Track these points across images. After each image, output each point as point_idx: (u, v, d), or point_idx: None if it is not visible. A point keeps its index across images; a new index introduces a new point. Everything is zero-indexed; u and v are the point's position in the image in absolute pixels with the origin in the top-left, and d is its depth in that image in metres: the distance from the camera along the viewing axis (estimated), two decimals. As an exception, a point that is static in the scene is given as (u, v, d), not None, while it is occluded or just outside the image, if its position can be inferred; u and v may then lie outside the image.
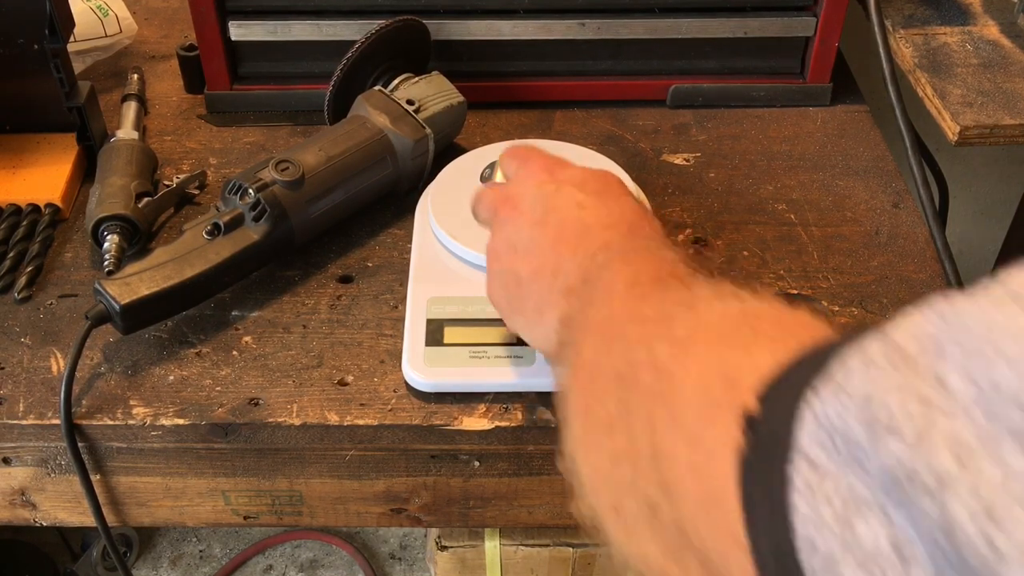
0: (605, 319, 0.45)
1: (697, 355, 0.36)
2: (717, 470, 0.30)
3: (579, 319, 0.48)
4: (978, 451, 0.21)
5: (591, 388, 0.43)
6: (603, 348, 0.44)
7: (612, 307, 0.45)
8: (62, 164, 0.82)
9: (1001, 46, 0.89)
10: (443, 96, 0.83)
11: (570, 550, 0.87)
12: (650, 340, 0.39)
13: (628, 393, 0.39)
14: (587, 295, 0.48)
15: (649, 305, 0.42)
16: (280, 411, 0.65)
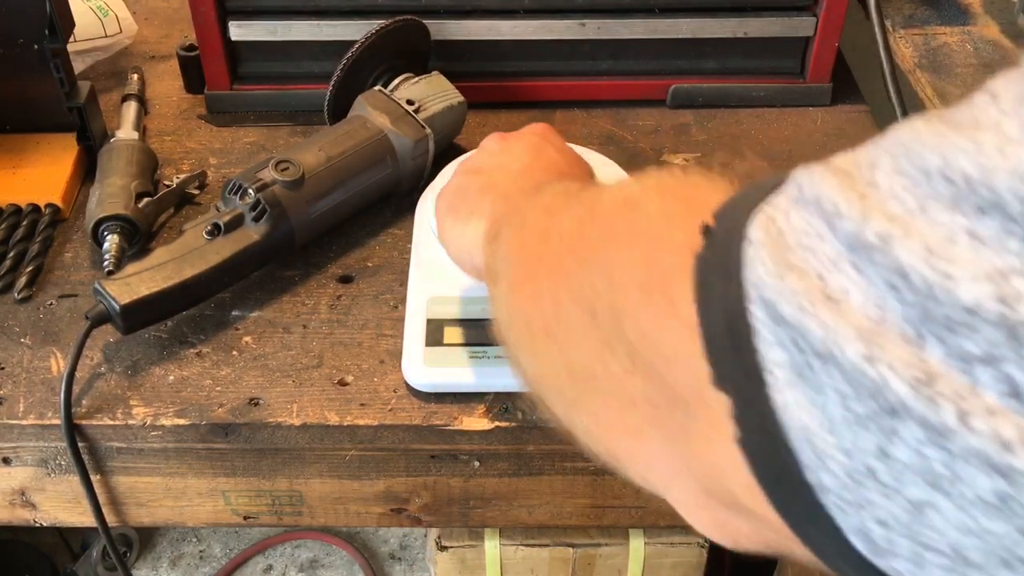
0: (539, 209, 0.50)
1: (651, 198, 0.40)
2: (670, 263, 0.34)
3: (511, 218, 0.52)
4: (914, 213, 0.26)
5: (532, 245, 0.47)
6: (542, 219, 0.48)
7: (544, 202, 0.50)
8: (62, 164, 0.82)
9: (1001, 46, 0.89)
10: (443, 96, 0.83)
11: (570, 550, 0.87)
12: (598, 199, 0.44)
13: (576, 237, 0.43)
14: (517, 205, 0.53)
15: (587, 192, 0.47)
16: (280, 411, 0.65)
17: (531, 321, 0.44)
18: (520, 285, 0.46)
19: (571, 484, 0.69)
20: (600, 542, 0.87)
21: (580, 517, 0.72)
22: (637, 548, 0.87)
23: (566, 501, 0.71)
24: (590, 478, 0.69)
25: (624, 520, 0.72)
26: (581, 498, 0.70)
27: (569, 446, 0.66)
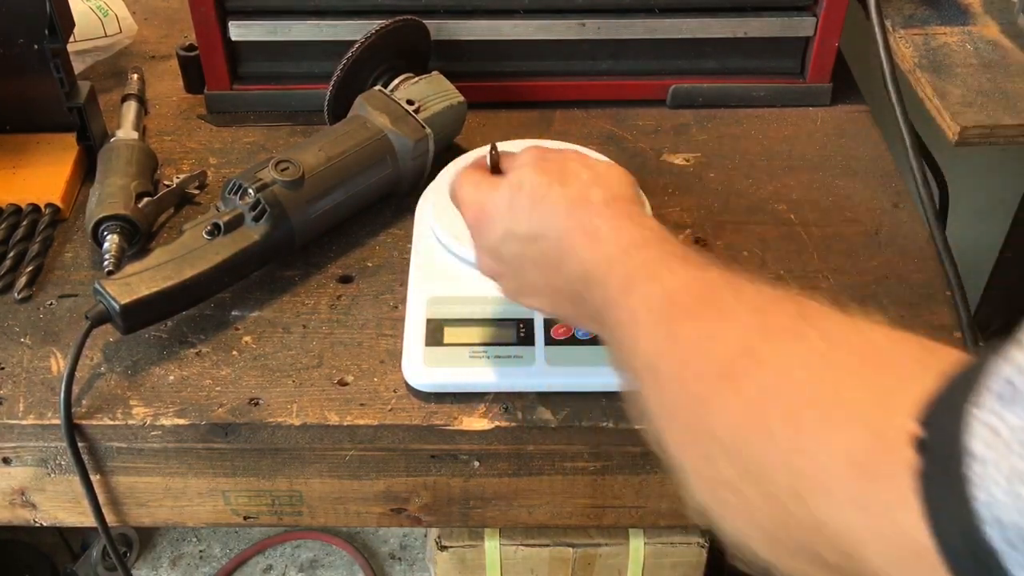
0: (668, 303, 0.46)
1: (844, 369, 0.37)
2: (882, 472, 0.32)
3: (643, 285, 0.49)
4: None
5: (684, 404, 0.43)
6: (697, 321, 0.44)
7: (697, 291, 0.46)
8: (62, 164, 0.82)
9: (1001, 46, 0.89)
10: (443, 96, 0.83)
11: (570, 550, 0.87)
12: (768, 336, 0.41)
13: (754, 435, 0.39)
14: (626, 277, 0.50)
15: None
16: (280, 411, 0.65)
17: (688, 461, 0.42)
18: (669, 408, 0.44)
19: (571, 484, 0.69)
20: (600, 542, 0.87)
21: (580, 517, 0.72)
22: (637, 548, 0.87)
23: (566, 501, 0.71)
24: (590, 478, 0.69)
25: (624, 520, 0.72)
26: (581, 498, 0.70)
27: (569, 446, 0.66)
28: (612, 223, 0.52)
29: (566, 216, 0.54)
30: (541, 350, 0.66)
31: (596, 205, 0.53)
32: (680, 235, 0.79)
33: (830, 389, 0.36)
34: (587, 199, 0.54)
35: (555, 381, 0.66)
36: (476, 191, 0.59)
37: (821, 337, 0.40)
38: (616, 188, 0.55)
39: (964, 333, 0.70)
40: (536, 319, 0.68)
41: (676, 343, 0.45)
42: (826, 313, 0.42)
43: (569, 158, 0.58)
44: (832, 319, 0.41)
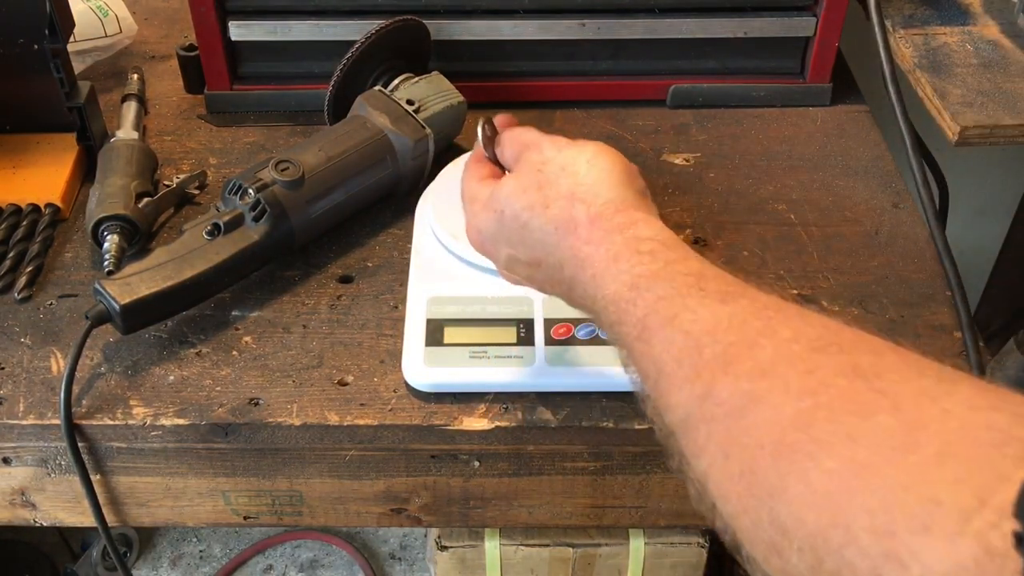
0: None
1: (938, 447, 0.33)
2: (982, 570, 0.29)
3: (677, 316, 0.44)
4: None
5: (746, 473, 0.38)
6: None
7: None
8: (62, 164, 0.82)
9: (1001, 46, 0.89)
10: (443, 96, 0.83)
11: (570, 550, 0.87)
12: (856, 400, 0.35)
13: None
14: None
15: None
16: (280, 411, 0.65)
17: (751, 546, 0.37)
18: (718, 481, 0.39)
19: (571, 484, 0.69)
20: (600, 542, 0.87)
21: (580, 517, 0.72)
22: (637, 548, 0.87)
23: (566, 501, 0.71)
24: (590, 478, 0.69)
25: (624, 520, 0.72)
26: (581, 498, 0.70)
27: (569, 446, 0.66)
28: (605, 251, 0.49)
29: (556, 245, 0.51)
30: (541, 350, 0.66)
31: (582, 227, 0.50)
32: (680, 235, 0.79)
33: (918, 485, 0.32)
34: (572, 221, 0.50)
35: (555, 381, 0.66)
36: (472, 213, 0.57)
37: (891, 409, 0.35)
38: (601, 193, 0.51)
39: (964, 333, 0.70)
40: (536, 319, 0.68)
41: (716, 405, 0.40)
42: (886, 367, 0.37)
43: (548, 164, 0.53)
44: (896, 378, 0.36)
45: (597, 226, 0.49)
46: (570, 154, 0.53)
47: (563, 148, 0.54)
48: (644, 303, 0.45)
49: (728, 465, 0.38)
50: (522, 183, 0.53)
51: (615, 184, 0.52)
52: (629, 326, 0.46)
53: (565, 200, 0.51)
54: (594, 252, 0.49)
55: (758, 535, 0.37)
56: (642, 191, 0.53)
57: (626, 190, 0.52)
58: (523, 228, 0.53)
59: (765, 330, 0.40)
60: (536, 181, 0.53)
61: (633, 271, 0.47)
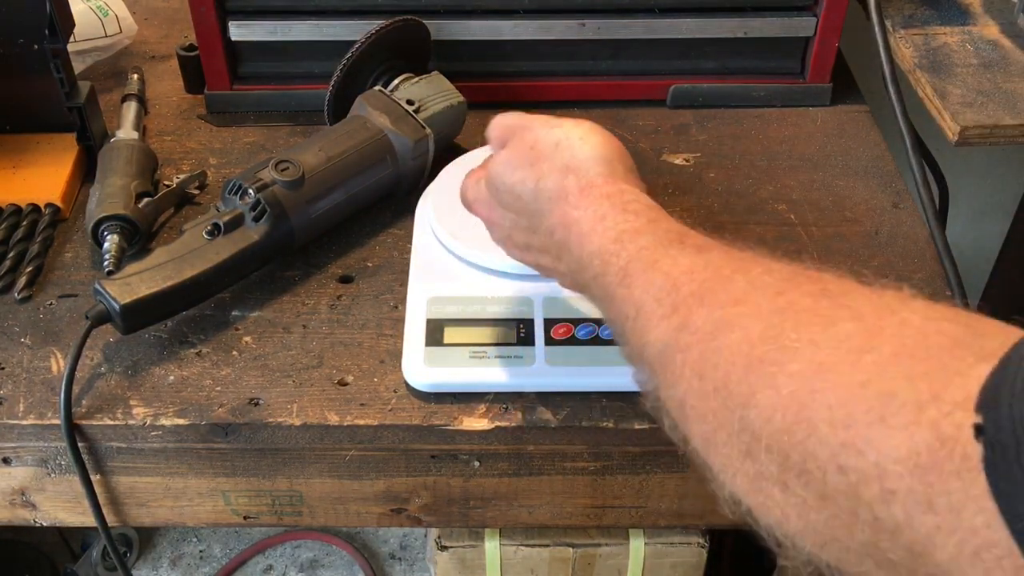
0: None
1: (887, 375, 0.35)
2: (941, 459, 0.31)
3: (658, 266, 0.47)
4: None
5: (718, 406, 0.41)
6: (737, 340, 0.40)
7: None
8: (62, 164, 0.82)
9: (1001, 46, 0.89)
10: (443, 96, 0.83)
11: (570, 550, 0.87)
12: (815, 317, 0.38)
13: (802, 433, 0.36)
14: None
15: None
16: (280, 411, 0.65)
17: (722, 458, 0.40)
18: (693, 404, 0.42)
19: (571, 484, 0.69)
20: (600, 542, 0.87)
21: (580, 517, 0.72)
22: (637, 548, 0.87)
23: (566, 501, 0.71)
24: (590, 478, 0.69)
25: (624, 520, 0.72)
26: (581, 498, 0.70)
27: (569, 446, 0.66)
28: (593, 212, 0.51)
29: (550, 211, 0.54)
30: (541, 350, 0.66)
31: (573, 195, 0.52)
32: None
33: (875, 381, 0.34)
34: (563, 190, 0.53)
35: (555, 381, 0.66)
36: (475, 193, 0.60)
37: (852, 318, 0.37)
38: (593, 167, 0.53)
39: (964, 333, 0.70)
40: (536, 319, 0.68)
41: (690, 334, 0.43)
42: (851, 289, 0.40)
43: (540, 142, 0.55)
44: (859, 296, 0.39)
45: (587, 194, 0.52)
46: (563, 131, 0.55)
47: (555, 127, 0.56)
48: (627, 253, 0.48)
49: (703, 385, 0.41)
50: (514, 158, 0.56)
51: (606, 159, 0.54)
52: (611, 275, 0.49)
53: (559, 172, 0.54)
54: (582, 215, 0.52)
55: (732, 446, 0.39)
56: (632, 169, 0.55)
57: (617, 165, 0.54)
58: (518, 199, 0.55)
59: (740, 268, 0.43)
60: (529, 157, 0.55)
61: (618, 227, 0.50)
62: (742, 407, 0.39)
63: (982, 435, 0.31)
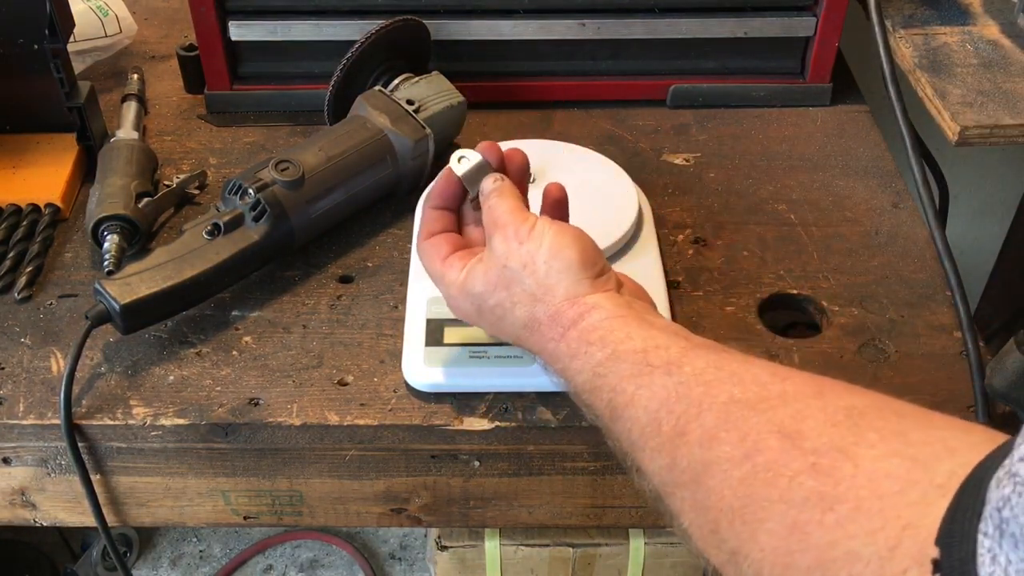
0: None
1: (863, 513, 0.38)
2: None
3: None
4: None
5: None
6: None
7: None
8: (62, 164, 0.82)
9: (1001, 46, 0.89)
10: (443, 96, 0.83)
11: (570, 550, 0.87)
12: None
13: None
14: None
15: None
16: (280, 411, 0.65)
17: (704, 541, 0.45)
18: (698, 537, 0.46)
19: (571, 484, 0.69)
20: (600, 542, 0.87)
21: (580, 517, 0.72)
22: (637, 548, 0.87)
23: (566, 501, 0.71)
24: (590, 478, 0.69)
25: (624, 520, 0.72)
26: (581, 498, 0.70)
27: (569, 446, 0.66)
28: (564, 347, 0.54)
29: (528, 340, 0.57)
30: (541, 350, 0.66)
31: (544, 326, 0.55)
32: (680, 235, 0.79)
33: (841, 542, 0.38)
34: (535, 320, 0.55)
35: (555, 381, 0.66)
36: (448, 296, 0.61)
37: (810, 471, 0.40)
38: (558, 290, 0.55)
39: (964, 333, 0.70)
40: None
41: (680, 473, 0.46)
42: (803, 420, 0.43)
43: (511, 260, 0.56)
44: (814, 433, 0.42)
45: (555, 323, 0.55)
46: (529, 249, 0.56)
47: (523, 240, 0.57)
48: (607, 387, 0.51)
49: (700, 524, 0.45)
50: (491, 279, 0.57)
51: (571, 275, 0.56)
52: (601, 409, 0.52)
53: (528, 300, 0.56)
54: (555, 349, 0.55)
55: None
56: (599, 272, 0.57)
57: (580, 281, 0.56)
58: (499, 320, 0.58)
59: (705, 396, 0.47)
60: (504, 278, 0.57)
61: (591, 364, 0.52)
62: (735, 555, 0.43)
63: (939, 571, 0.34)
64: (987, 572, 0.31)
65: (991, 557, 0.32)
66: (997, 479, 0.33)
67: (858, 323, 0.72)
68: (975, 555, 0.32)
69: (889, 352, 0.70)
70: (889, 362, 0.69)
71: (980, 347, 0.69)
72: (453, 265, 0.60)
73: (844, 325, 0.72)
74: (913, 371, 0.69)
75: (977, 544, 0.32)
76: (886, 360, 0.69)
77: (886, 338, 0.71)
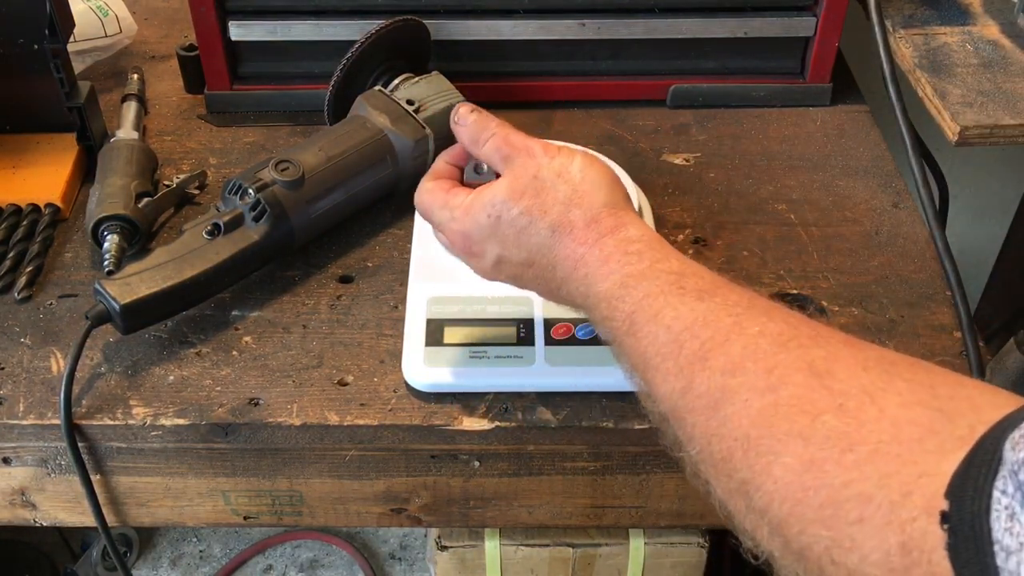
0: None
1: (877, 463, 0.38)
2: (912, 541, 0.36)
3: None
4: None
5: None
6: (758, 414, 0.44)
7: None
8: (62, 164, 0.82)
9: (1001, 46, 0.89)
10: (443, 96, 0.83)
11: (570, 550, 0.87)
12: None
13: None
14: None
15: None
16: (280, 411, 0.65)
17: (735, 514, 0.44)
18: (706, 460, 0.45)
19: (571, 484, 0.69)
20: (600, 542, 0.87)
21: (580, 517, 0.72)
22: (637, 548, 0.87)
23: (566, 501, 0.71)
24: (590, 478, 0.69)
25: (624, 520, 0.72)
26: (581, 498, 0.70)
27: (569, 446, 0.66)
28: (598, 251, 0.52)
29: (552, 247, 0.54)
30: (541, 350, 0.66)
31: (578, 230, 0.53)
32: (680, 235, 0.79)
33: (856, 482, 0.38)
34: (569, 224, 0.53)
35: (555, 381, 0.66)
36: (452, 219, 0.58)
37: (835, 410, 0.40)
38: (596, 198, 0.54)
39: (964, 333, 0.70)
40: (536, 319, 0.68)
41: (696, 398, 0.46)
42: (835, 363, 0.42)
43: (543, 170, 0.55)
44: (843, 373, 0.42)
45: (592, 229, 0.53)
46: (562, 161, 0.55)
47: (555, 155, 0.56)
48: (632, 299, 0.50)
49: (712, 452, 0.45)
50: (518, 188, 0.55)
51: (606, 189, 0.55)
52: (619, 321, 0.51)
53: (562, 205, 0.54)
54: (587, 253, 0.53)
55: (742, 517, 0.44)
56: (627, 196, 0.56)
57: (615, 194, 0.55)
58: (520, 232, 0.55)
59: (735, 327, 0.46)
60: (533, 187, 0.55)
61: (623, 271, 0.51)
62: (746, 485, 0.42)
63: (947, 522, 0.34)
64: (1004, 527, 0.32)
65: (1009, 515, 0.32)
66: (1013, 441, 0.33)
67: (858, 323, 0.72)
68: (988, 510, 0.32)
69: (889, 352, 0.70)
70: (889, 362, 0.69)
71: (980, 347, 0.69)
72: (458, 193, 0.58)
73: (844, 325, 0.72)
74: (913, 371, 0.69)
75: (992, 500, 0.32)
76: (886, 360, 0.69)
77: (886, 338, 0.71)
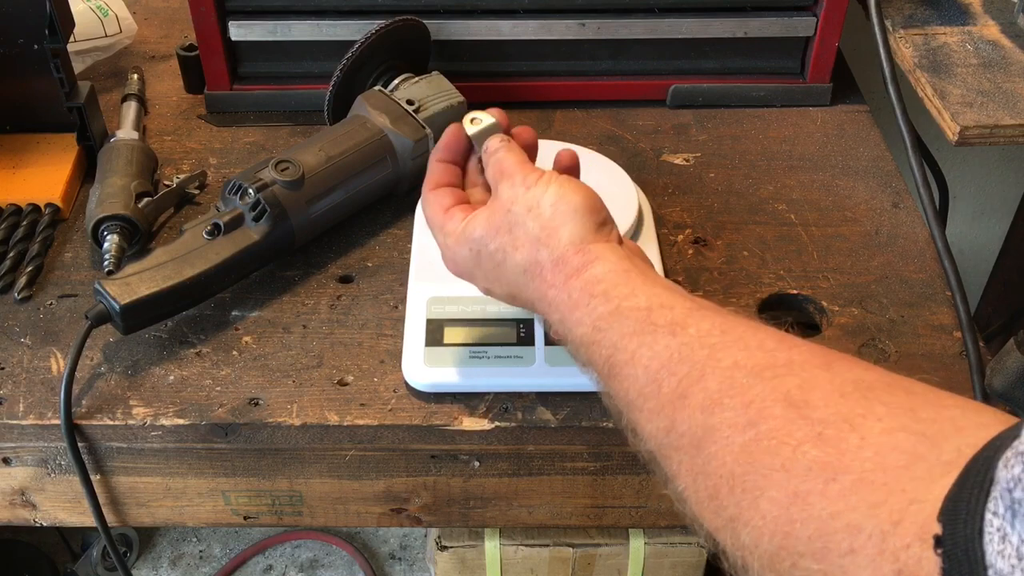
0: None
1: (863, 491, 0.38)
2: (905, 566, 0.35)
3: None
4: None
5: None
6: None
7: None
8: (62, 164, 0.82)
9: (1001, 46, 0.89)
10: (443, 96, 0.83)
11: (570, 550, 0.87)
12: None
13: None
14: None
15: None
16: (280, 411, 0.65)
17: (724, 545, 0.43)
18: (691, 497, 0.45)
19: (571, 484, 0.69)
20: (600, 542, 0.87)
21: (580, 517, 0.72)
22: (637, 548, 0.87)
23: (566, 501, 0.71)
24: (590, 478, 0.69)
25: (624, 520, 0.72)
26: (581, 498, 0.70)
27: (569, 446, 0.66)
28: (566, 296, 0.53)
29: (526, 286, 0.55)
30: (541, 350, 0.66)
31: (547, 271, 0.54)
32: (680, 235, 0.79)
33: (843, 513, 0.37)
34: (538, 265, 0.54)
35: (555, 381, 0.66)
36: (446, 245, 0.60)
37: (815, 439, 0.40)
38: (563, 235, 0.54)
39: (964, 333, 0.70)
40: (536, 319, 0.68)
41: (679, 437, 0.46)
42: (812, 389, 0.42)
43: (516, 204, 0.56)
44: (820, 401, 0.41)
45: (559, 271, 0.53)
46: (535, 193, 0.56)
47: (531, 186, 0.56)
48: (607, 344, 0.50)
49: (699, 489, 0.44)
50: (494, 223, 0.56)
51: (576, 222, 0.55)
52: (599, 365, 0.51)
53: (531, 244, 0.55)
54: (557, 296, 0.53)
55: (733, 552, 0.43)
56: (603, 221, 0.56)
57: (585, 226, 0.55)
58: (497, 267, 0.57)
59: (710, 359, 0.46)
60: (507, 222, 0.56)
61: (592, 315, 0.51)
62: (734, 522, 0.42)
63: (940, 546, 0.33)
64: (996, 550, 0.31)
65: (1001, 536, 0.31)
66: (1005, 459, 0.33)
67: (858, 323, 0.72)
68: (981, 533, 0.32)
69: (889, 352, 0.70)
70: (889, 362, 0.69)
71: (980, 347, 0.69)
72: (454, 216, 0.59)
73: (844, 325, 0.72)
74: (913, 371, 0.68)
75: (984, 523, 0.32)
76: (886, 360, 0.69)
77: (886, 338, 0.71)
